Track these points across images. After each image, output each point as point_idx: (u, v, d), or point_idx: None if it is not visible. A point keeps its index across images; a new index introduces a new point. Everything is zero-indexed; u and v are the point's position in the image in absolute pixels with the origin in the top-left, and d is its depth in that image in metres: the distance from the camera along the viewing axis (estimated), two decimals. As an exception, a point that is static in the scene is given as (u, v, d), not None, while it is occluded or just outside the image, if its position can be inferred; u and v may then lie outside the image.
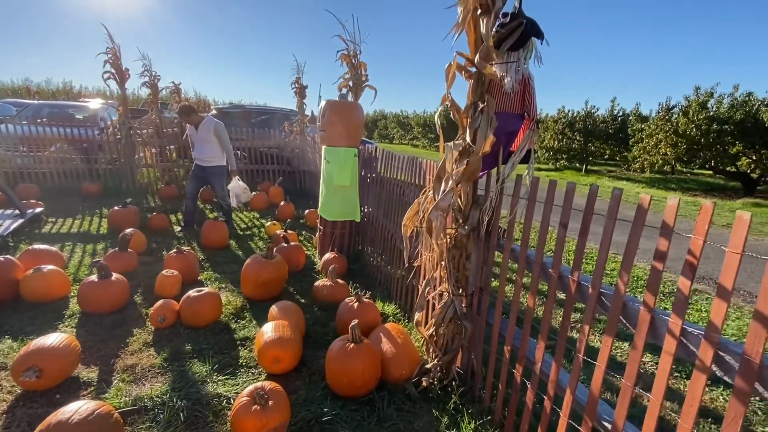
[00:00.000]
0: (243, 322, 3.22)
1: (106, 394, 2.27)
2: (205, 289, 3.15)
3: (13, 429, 2.00)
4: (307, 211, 6.20)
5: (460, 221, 2.31)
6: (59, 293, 3.38)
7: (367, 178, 4.52)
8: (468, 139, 2.20)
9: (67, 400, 2.19)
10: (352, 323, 2.42)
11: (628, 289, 1.59)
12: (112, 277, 3.26)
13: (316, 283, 3.68)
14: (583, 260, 1.74)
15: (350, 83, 4.96)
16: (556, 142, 16.75)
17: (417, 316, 2.49)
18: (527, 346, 2.07)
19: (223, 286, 3.86)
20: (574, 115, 16.92)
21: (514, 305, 2.12)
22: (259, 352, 2.51)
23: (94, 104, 11.44)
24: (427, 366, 2.52)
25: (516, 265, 2.12)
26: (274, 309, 3.02)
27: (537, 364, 1.97)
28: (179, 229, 5.45)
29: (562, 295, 3.73)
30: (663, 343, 1.39)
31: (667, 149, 12.80)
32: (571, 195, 1.77)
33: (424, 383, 2.43)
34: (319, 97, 25.67)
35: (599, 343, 3.20)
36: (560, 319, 3.45)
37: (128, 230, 4.24)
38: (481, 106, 2.20)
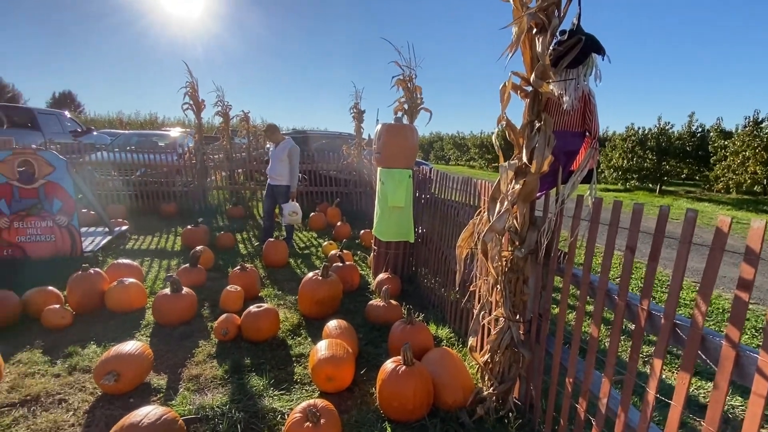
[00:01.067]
0: (299, 338, 3.31)
1: (173, 401, 2.42)
2: (265, 305, 3.29)
3: (92, 428, 2.18)
4: (362, 231, 6.31)
5: (517, 243, 2.24)
6: (138, 304, 3.68)
7: (422, 199, 4.52)
8: (524, 158, 2.15)
9: (139, 404, 2.36)
10: (404, 345, 2.40)
11: (709, 322, 1.44)
12: (183, 291, 3.51)
13: (370, 303, 3.70)
14: (654, 288, 1.60)
15: (405, 106, 5.07)
16: (626, 161, 15.74)
17: (471, 341, 2.41)
18: (591, 379, 1.92)
19: (282, 302, 4.00)
20: (645, 132, 15.85)
21: (576, 334, 1.99)
22: (312, 369, 2.56)
23: (174, 133, 12.63)
24: (482, 395, 2.41)
25: (578, 291, 2.00)
26: (328, 327, 3.07)
27: (603, 399, 1.82)
28: (257, 243, 5.82)
29: (629, 325, 3.45)
30: (752, 383, 1.23)
31: (757, 167, 11.55)
32: (639, 216, 1.65)
33: (480, 412, 2.33)
34: (377, 120, 26.32)
35: (674, 380, 2.89)
36: (627, 351, 3.18)
37: (198, 248, 4.56)
38: (538, 125, 2.15)
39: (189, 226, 5.77)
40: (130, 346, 2.53)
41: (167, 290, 3.48)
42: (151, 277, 4.57)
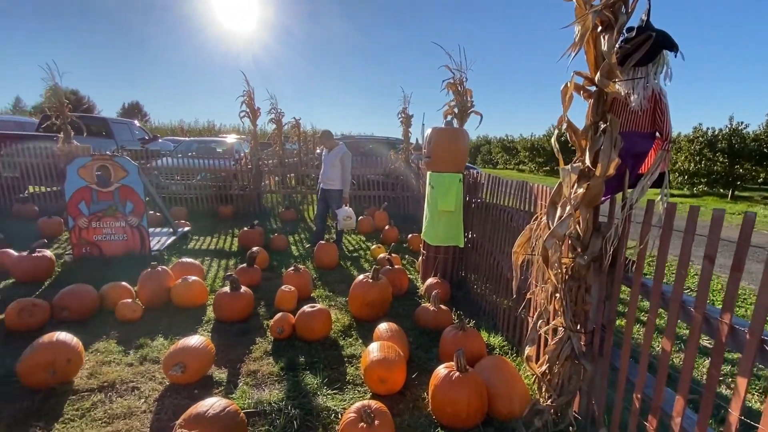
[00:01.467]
0: (350, 339, 3.36)
1: (233, 395, 2.53)
2: (318, 306, 3.37)
3: (161, 415, 2.33)
4: (410, 235, 6.31)
5: (579, 250, 2.14)
6: (200, 301, 3.90)
7: (472, 203, 4.45)
8: (587, 161, 2.06)
9: (203, 395, 2.50)
10: (458, 351, 2.37)
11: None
12: (241, 290, 3.67)
13: (420, 307, 3.68)
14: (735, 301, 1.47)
15: (455, 110, 5.03)
16: (693, 165, 14.65)
17: (527, 350, 2.34)
18: (663, 396, 1.80)
19: (333, 303, 4.08)
20: (715, 133, 14.67)
21: (645, 347, 1.87)
22: (365, 370, 2.58)
23: (230, 139, 13.31)
24: (539, 407, 2.32)
25: (647, 302, 1.88)
26: (379, 330, 3.10)
27: (676, 418, 1.70)
28: (308, 245, 5.99)
29: (705, 341, 3.19)
30: None
31: None
32: (720, 222, 1.53)
33: (537, 424, 2.25)
34: (423, 125, 26.16)
35: (759, 404, 2.63)
36: (701, 368, 2.94)
37: (254, 249, 4.76)
38: (603, 126, 2.06)
39: (245, 228, 6.03)
40: (195, 341, 2.68)
41: (227, 289, 3.66)
42: (211, 276, 4.82)
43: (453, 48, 5.93)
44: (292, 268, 4.25)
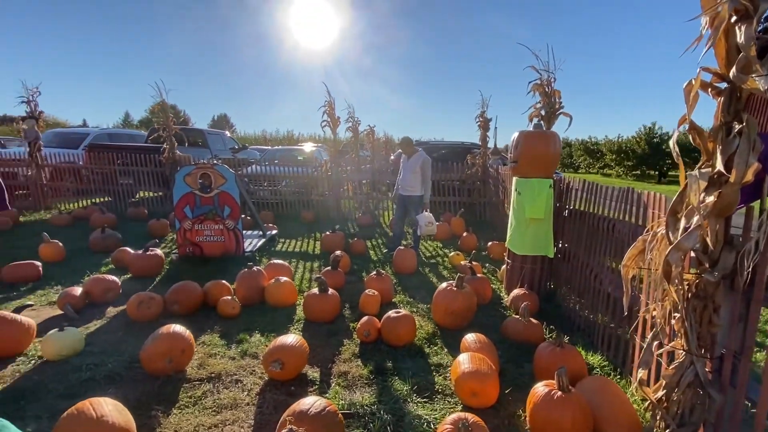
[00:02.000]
0: (435, 348, 3.32)
1: (327, 394, 2.61)
2: (403, 312, 3.38)
3: (263, 409, 2.47)
4: (490, 243, 6.12)
5: (707, 265, 1.91)
6: (290, 300, 4.11)
7: (564, 210, 4.20)
8: (719, 166, 1.84)
9: (299, 392, 2.62)
10: (560, 369, 2.23)
11: None
12: (329, 292, 3.80)
13: (507, 320, 3.54)
14: None
15: (542, 112, 4.81)
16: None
17: (641, 373, 2.13)
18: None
19: (414, 310, 4.07)
20: None
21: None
22: (456, 381, 2.53)
23: (308, 147, 14.00)
24: (654, 436, 2.11)
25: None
26: (467, 340, 3.02)
27: None
28: (386, 250, 6.08)
29: None
30: None
31: None
32: None
33: (651, 456, 2.04)
34: (495, 128, 25.42)
35: None
36: None
37: (338, 252, 4.92)
38: (738, 127, 1.82)
39: (327, 233, 6.26)
40: (291, 339, 2.81)
41: (315, 290, 3.81)
42: (298, 277, 5.06)
43: (540, 48, 5.67)
44: (375, 272, 4.32)
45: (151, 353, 2.68)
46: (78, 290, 3.91)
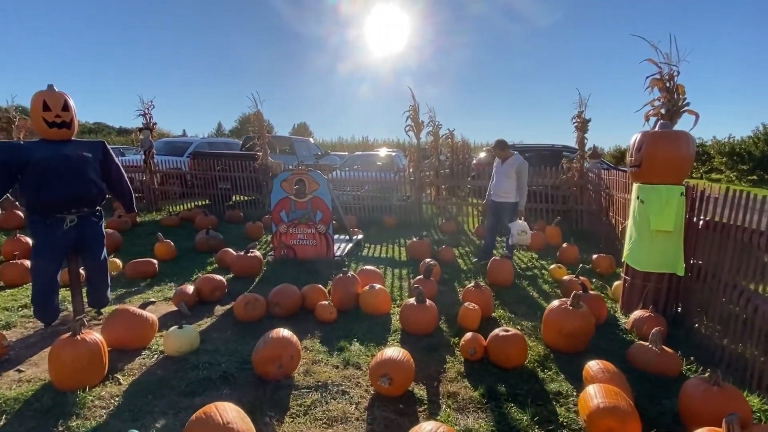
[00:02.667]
0: (549, 373, 3.00)
1: (439, 417, 2.44)
2: (512, 330, 3.11)
3: (374, 426, 2.37)
4: (595, 255, 5.55)
5: None
6: (384, 309, 4.01)
7: (699, 222, 3.63)
8: None
9: (408, 410, 2.48)
10: (731, 417, 1.84)
11: None
12: (427, 303, 3.64)
13: (635, 347, 3.11)
14: None
15: (662, 110, 4.26)
16: None
17: None
18: None
19: (519, 327, 3.76)
20: None
21: None
22: (589, 418, 2.22)
23: (382, 152, 14.09)
24: None
25: None
26: (592, 369, 2.68)
27: None
28: (475, 259, 5.82)
29: None
30: None
31: None
32: None
33: None
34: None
35: None
36: None
37: (431, 261, 4.75)
38: None
39: (414, 239, 6.13)
40: (397, 354, 2.69)
41: (413, 300, 3.66)
42: (388, 284, 4.97)
43: (660, 39, 5.04)
44: (473, 284, 4.08)
45: (262, 357, 2.71)
46: (190, 288, 4.16)
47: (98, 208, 3.68)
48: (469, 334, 3.20)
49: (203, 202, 10.38)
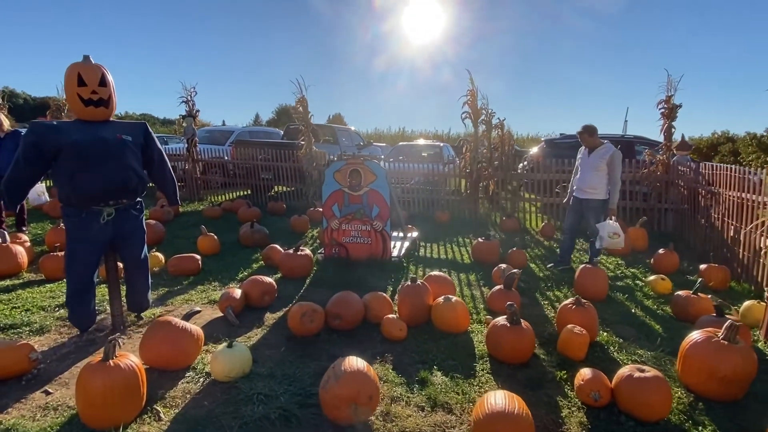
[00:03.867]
0: (704, 430, 2.26)
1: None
2: (650, 370, 2.38)
3: None
4: (703, 265, 4.64)
5: None
6: (462, 326, 3.36)
7: None
8: None
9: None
10: None
11: None
12: (522, 324, 2.95)
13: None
14: None
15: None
16: None
17: None
18: None
19: (635, 358, 3.01)
20: None
21: None
22: None
23: (421, 142, 13.43)
24: None
25: None
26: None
27: None
28: (551, 265, 5.02)
29: None
30: None
31: None
32: None
33: None
34: (625, 121, 21.86)
35: None
36: None
37: (514, 270, 4.03)
38: None
39: (480, 239, 5.42)
40: (511, 404, 2.03)
41: (503, 320, 2.99)
42: (457, 294, 4.30)
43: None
44: (573, 300, 3.34)
45: (334, 397, 2.12)
46: (237, 292, 3.65)
47: (139, 199, 3.21)
48: (587, 372, 2.49)
49: (244, 193, 10.04)
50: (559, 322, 3.33)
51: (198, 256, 4.83)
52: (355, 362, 2.25)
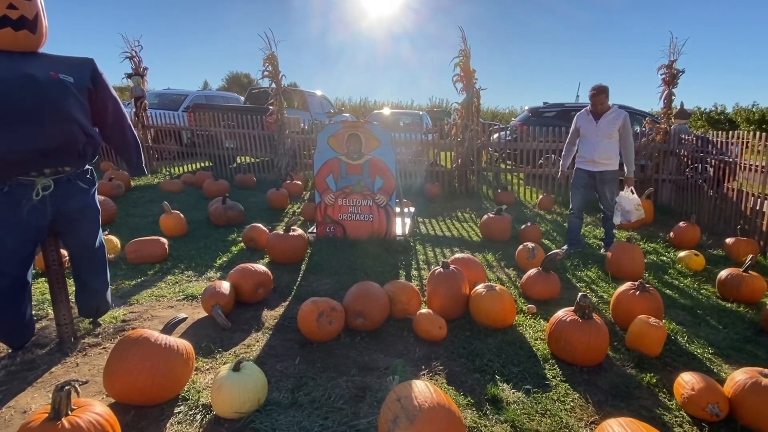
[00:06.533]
0: None
1: None
2: (776, 376, 1.94)
3: None
4: (730, 239, 4.37)
5: None
6: (509, 320, 2.82)
7: None
8: None
9: None
10: None
11: None
12: (594, 319, 2.44)
13: None
14: None
15: None
16: None
17: None
18: None
19: (701, 351, 2.61)
20: None
21: None
22: None
23: (386, 112, 12.79)
24: None
25: None
26: None
27: None
28: (565, 248, 4.52)
29: None
30: None
31: None
32: None
33: None
34: (577, 96, 22.02)
35: None
36: None
37: (556, 250, 3.52)
38: None
39: (490, 214, 4.88)
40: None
41: (573, 314, 2.46)
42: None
43: None
44: (637, 284, 2.87)
45: (408, 445, 1.49)
46: (224, 286, 2.88)
47: (88, 166, 2.33)
48: (695, 380, 2.02)
49: (205, 164, 8.91)
50: (618, 310, 2.87)
51: (164, 239, 3.96)
52: (427, 392, 1.62)
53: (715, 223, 5.31)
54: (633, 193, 4.26)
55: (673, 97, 6.67)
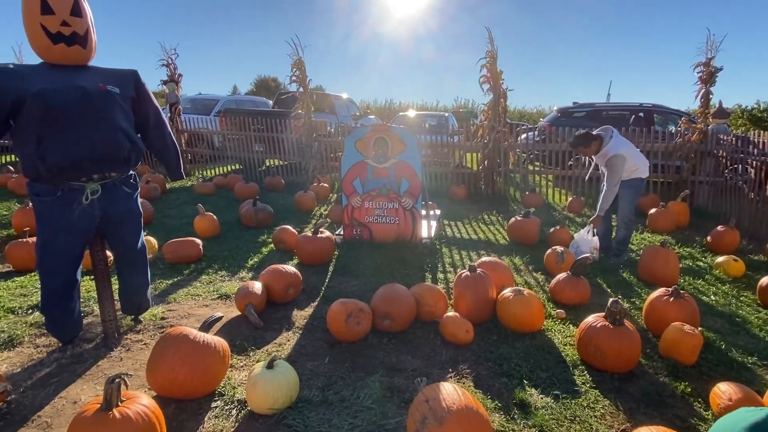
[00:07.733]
0: None
1: None
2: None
3: None
4: (771, 244, 4.19)
5: None
6: (538, 325, 2.80)
7: None
8: None
9: None
10: None
11: None
12: (626, 325, 2.40)
13: None
14: None
15: None
16: None
17: None
18: None
19: (744, 359, 2.52)
20: None
21: None
22: None
23: (411, 114, 12.83)
24: None
25: None
26: None
27: None
28: (602, 255, 4.39)
29: None
30: None
31: None
32: None
33: None
34: (608, 95, 21.28)
35: None
36: None
37: (587, 254, 3.47)
38: None
39: (518, 217, 4.84)
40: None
41: (603, 319, 2.43)
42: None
43: None
44: (671, 290, 2.80)
45: (437, 446, 1.52)
46: (257, 286, 2.98)
47: (132, 172, 2.47)
48: (733, 390, 1.96)
49: (235, 167, 9.17)
50: (651, 316, 2.80)
51: (198, 240, 4.11)
52: (455, 394, 1.65)
53: (756, 227, 5.08)
54: (594, 235, 4.11)
55: (711, 96, 6.40)
